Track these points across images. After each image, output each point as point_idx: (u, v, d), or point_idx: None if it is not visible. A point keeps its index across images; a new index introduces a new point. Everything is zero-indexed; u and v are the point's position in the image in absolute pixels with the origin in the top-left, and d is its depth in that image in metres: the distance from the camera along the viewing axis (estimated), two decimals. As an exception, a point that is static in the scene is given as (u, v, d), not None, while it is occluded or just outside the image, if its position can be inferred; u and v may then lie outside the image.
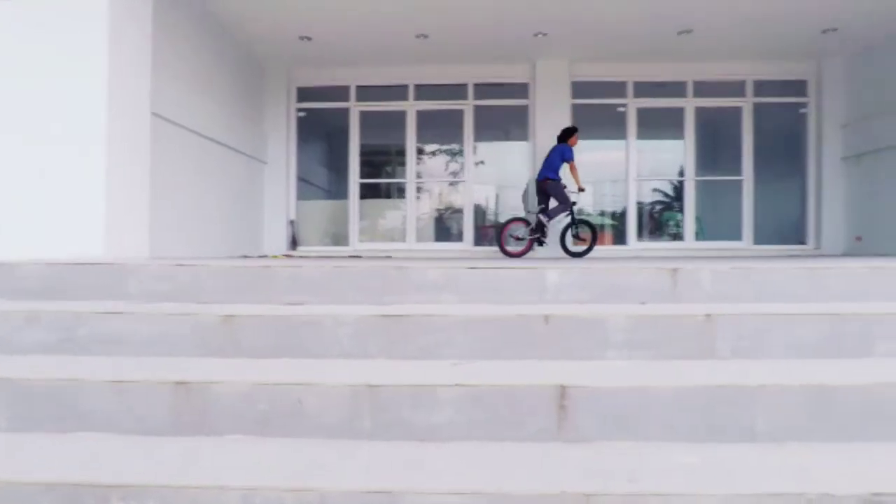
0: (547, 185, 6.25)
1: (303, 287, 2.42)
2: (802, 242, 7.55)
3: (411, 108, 7.76)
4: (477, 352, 2.00)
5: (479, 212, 8.16)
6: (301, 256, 7.07)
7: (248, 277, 2.48)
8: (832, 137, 7.33)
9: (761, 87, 7.60)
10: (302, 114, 7.87)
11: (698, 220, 8.15)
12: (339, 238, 7.95)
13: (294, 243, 7.76)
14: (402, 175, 7.86)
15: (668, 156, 8.00)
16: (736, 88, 7.62)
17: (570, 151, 6.25)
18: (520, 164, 7.93)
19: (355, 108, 7.81)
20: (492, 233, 7.94)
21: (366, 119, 7.90)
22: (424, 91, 7.75)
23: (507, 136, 8.19)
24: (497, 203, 8.30)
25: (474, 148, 7.93)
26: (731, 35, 6.61)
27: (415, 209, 7.83)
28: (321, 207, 8.22)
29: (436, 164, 8.41)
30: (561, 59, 7.32)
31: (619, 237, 7.72)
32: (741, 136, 7.62)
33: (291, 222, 7.76)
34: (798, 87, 7.61)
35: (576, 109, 7.51)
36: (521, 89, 7.65)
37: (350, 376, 1.75)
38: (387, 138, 8.34)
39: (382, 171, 8.40)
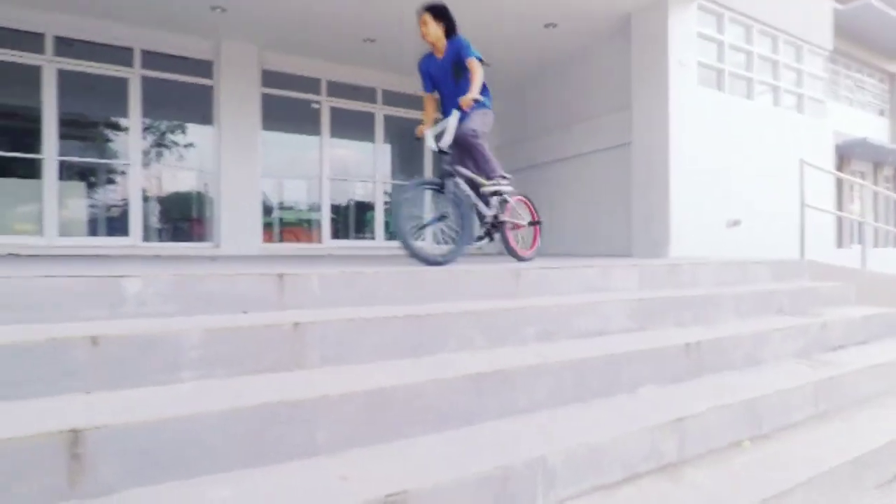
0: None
1: None
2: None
3: (50, 64, 6.08)
4: (-20, 394, 1.45)
5: (162, 201, 7.02)
6: None
7: None
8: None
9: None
10: None
11: (391, 220, 8.75)
12: (-75, 228, 5.68)
13: None
14: (38, 150, 6.09)
15: (362, 157, 8.34)
16: (419, 102, 8.40)
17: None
18: (203, 148, 7.10)
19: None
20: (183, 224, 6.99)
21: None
22: (74, 49, 6.17)
23: (185, 116, 7.23)
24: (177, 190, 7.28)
25: (145, 126, 6.73)
26: (408, 54, 7.22)
27: (56, 194, 6.16)
28: None
29: (94, 141, 6.86)
30: (249, 43, 6.80)
31: (317, 235, 7.66)
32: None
33: None
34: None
35: (266, 99, 7.11)
36: (202, 66, 6.82)
37: None
38: (15, 99, 6.39)
39: (11, 143, 6.38)
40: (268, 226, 7.36)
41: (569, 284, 3.05)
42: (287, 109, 7.47)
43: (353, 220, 8.49)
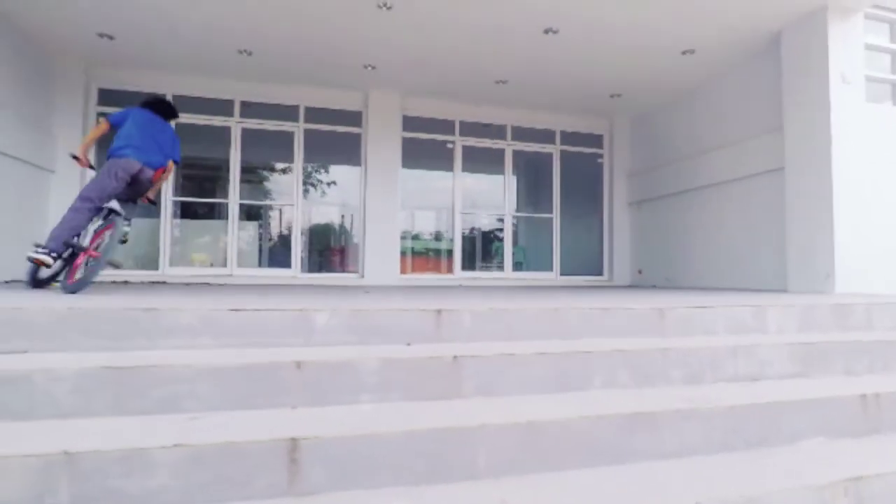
0: None
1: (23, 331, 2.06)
2: (600, 274, 8.67)
3: (237, 125, 7.33)
4: (223, 402, 1.87)
5: (315, 235, 7.98)
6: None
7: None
8: (621, 185, 8.62)
9: (568, 137, 8.66)
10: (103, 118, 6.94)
11: (518, 251, 8.94)
12: (146, 261, 7.10)
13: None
14: (225, 195, 7.33)
15: (491, 192, 8.67)
16: (548, 136, 8.58)
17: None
18: (352, 188, 7.95)
19: (171, 119, 7.13)
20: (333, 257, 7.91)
21: (184, 131, 7.25)
22: (252, 109, 7.39)
23: (339, 160, 8.18)
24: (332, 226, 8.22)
25: (305, 170, 7.74)
26: (538, 90, 7.45)
27: (237, 232, 7.34)
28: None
29: (263, 185, 8.05)
30: (392, 91, 7.54)
31: (447, 266, 8.09)
32: (552, 179, 8.57)
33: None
34: (596, 140, 8.82)
35: (406, 142, 7.79)
36: (354, 117, 7.70)
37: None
38: (209, 153, 7.76)
39: (203, 190, 7.77)
40: (403, 256, 7.95)
41: (716, 325, 2.94)
42: (424, 148, 8.10)
43: (480, 250, 8.81)
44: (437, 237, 8.44)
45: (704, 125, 6.98)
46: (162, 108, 4.26)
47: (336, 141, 7.77)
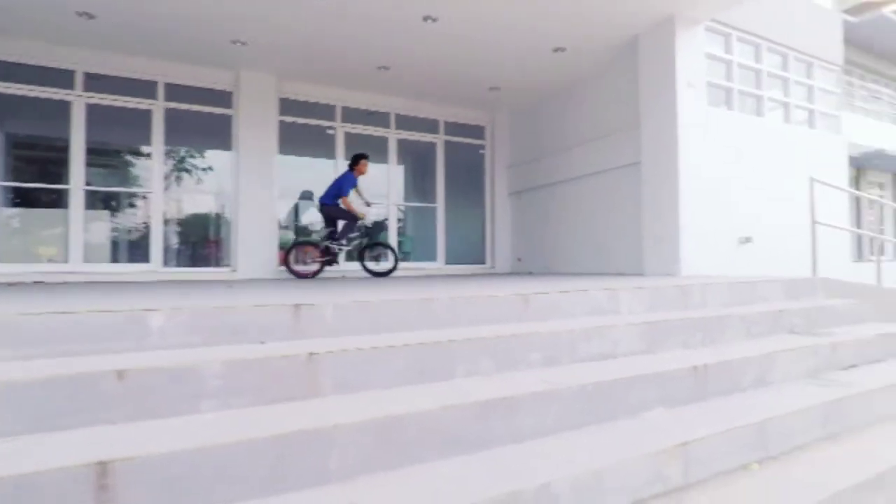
0: (327, 210, 6.42)
1: None
2: (483, 262, 8.93)
3: (79, 99, 6.39)
4: (17, 426, 1.57)
5: (180, 226, 7.23)
6: None
7: None
8: (502, 175, 8.92)
9: (451, 128, 8.76)
10: None
11: (404, 241, 8.90)
12: (-39, 257, 5.95)
13: None
14: (66, 180, 6.37)
15: (376, 181, 8.51)
16: (431, 126, 8.60)
17: (350, 183, 6.37)
18: (224, 175, 7.33)
19: (-5, 88, 6.02)
20: (207, 249, 7.23)
21: (16, 104, 6.18)
22: (101, 83, 6.48)
23: (208, 144, 7.50)
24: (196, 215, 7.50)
25: (167, 154, 6.99)
26: (421, 79, 7.42)
27: (82, 223, 6.41)
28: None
29: (119, 169, 7.14)
30: (267, 72, 7.06)
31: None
32: (435, 168, 8.62)
33: None
34: (479, 131, 9.03)
35: (284, 127, 7.35)
36: (223, 97, 7.09)
37: None
38: (49, 131, 6.70)
39: (46, 174, 6.69)
40: (283, 248, 7.53)
41: (576, 308, 3.11)
42: (303, 134, 7.71)
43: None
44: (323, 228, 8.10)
45: (576, 121, 7.43)
46: None
47: (204, 123, 7.11)
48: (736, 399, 2.62)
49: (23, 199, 6.50)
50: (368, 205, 6.62)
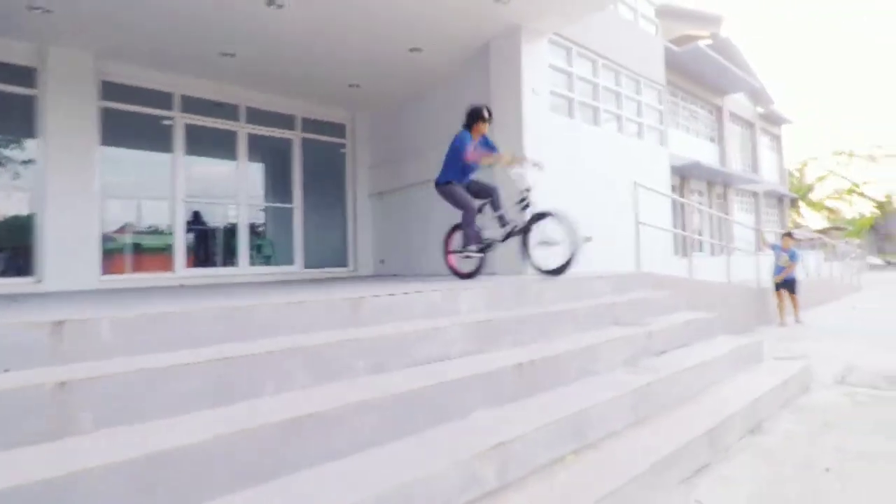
0: (440, 192, 4.81)
1: None
2: (344, 265, 8.64)
3: None
4: None
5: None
6: None
7: None
8: (364, 175, 8.72)
9: (310, 125, 8.35)
10: None
11: (263, 244, 8.29)
12: None
13: None
14: None
15: (227, 179, 7.81)
16: (288, 121, 8.12)
17: (464, 143, 4.58)
18: (27, 168, 6.18)
19: None
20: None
21: None
22: None
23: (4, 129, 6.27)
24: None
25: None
26: (273, 70, 6.95)
27: None
28: None
29: None
30: (83, 49, 6.08)
31: (167, 263, 6.95)
32: (292, 167, 8.16)
33: None
34: (339, 129, 8.72)
35: (107, 114, 6.40)
36: (23, 74, 5.96)
37: None
38: None
39: None
40: (109, 254, 6.55)
41: (414, 310, 3.03)
42: (135, 124, 6.80)
43: (217, 245, 7.90)
44: (157, 230, 7.19)
45: (433, 122, 7.48)
46: None
47: (-1, 104, 5.92)
48: (559, 392, 2.72)
49: None
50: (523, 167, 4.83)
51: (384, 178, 8.42)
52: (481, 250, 4.76)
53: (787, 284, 8.16)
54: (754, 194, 19.45)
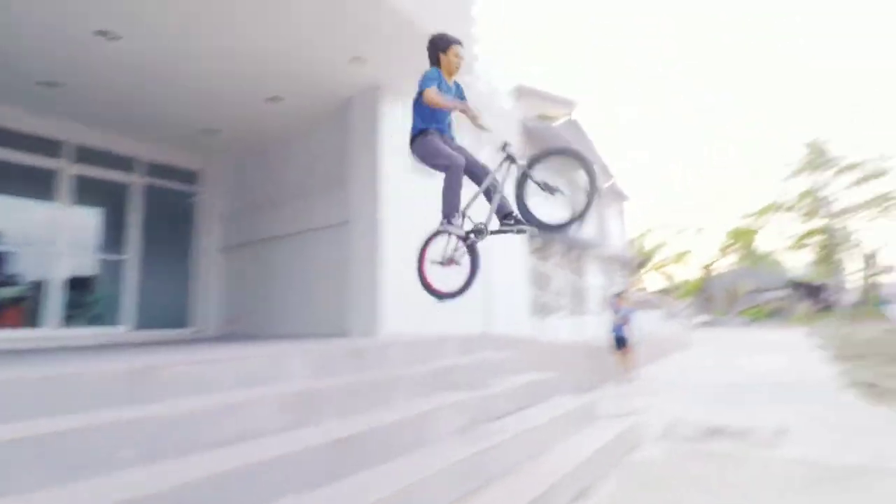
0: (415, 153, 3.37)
1: None
2: (184, 326, 7.71)
3: None
4: None
5: None
6: None
7: None
8: (216, 227, 8.04)
9: (155, 169, 7.58)
10: None
11: (98, 300, 7.14)
12: None
13: None
14: None
15: (44, 224, 6.68)
16: (127, 163, 7.29)
17: (427, 79, 3.11)
18: None
19: None
20: None
21: None
22: None
23: None
24: None
25: None
26: (109, 106, 6.26)
27: None
28: None
29: None
30: None
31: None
32: (128, 215, 7.27)
33: None
34: (190, 176, 8.04)
35: None
36: None
37: None
38: None
39: None
40: None
41: (224, 380, 2.65)
42: None
43: (21, 301, 6.61)
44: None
45: (293, 174, 7.20)
46: None
47: None
48: (383, 469, 2.48)
49: None
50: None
51: (240, 230, 7.83)
52: (467, 236, 3.47)
53: (618, 342, 8.82)
54: (605, 258, 21.58)
